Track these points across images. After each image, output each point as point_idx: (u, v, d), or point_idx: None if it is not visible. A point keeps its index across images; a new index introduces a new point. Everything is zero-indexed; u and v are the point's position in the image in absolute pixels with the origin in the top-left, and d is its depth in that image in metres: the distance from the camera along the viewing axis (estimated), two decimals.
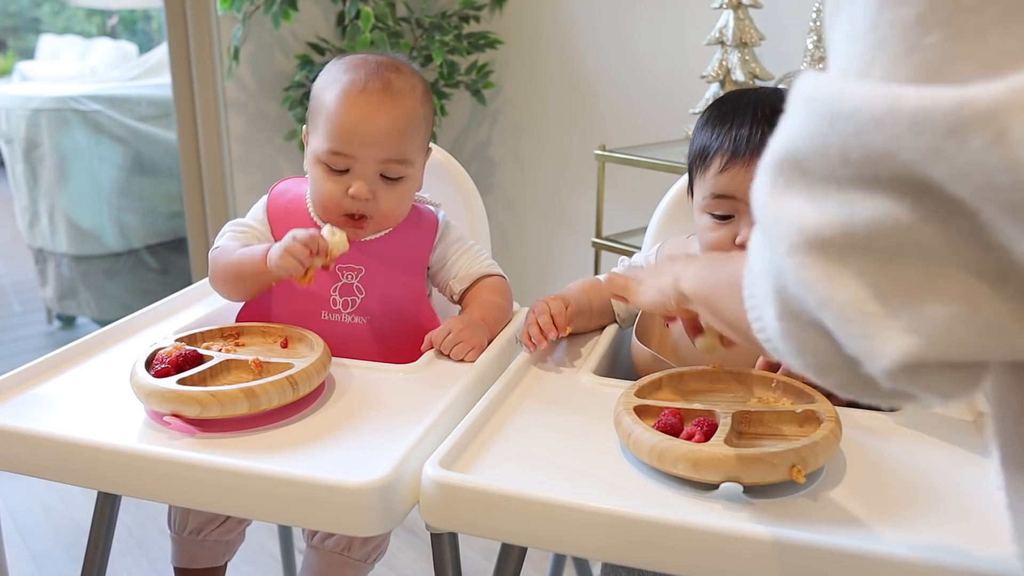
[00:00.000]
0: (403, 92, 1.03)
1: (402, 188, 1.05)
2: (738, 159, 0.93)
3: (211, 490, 0.76)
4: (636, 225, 1.76)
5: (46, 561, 1.82)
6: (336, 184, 1.03)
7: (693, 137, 1.01)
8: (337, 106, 1.01)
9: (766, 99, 0.96)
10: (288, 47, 2.44)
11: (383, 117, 1.01)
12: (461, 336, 0.99)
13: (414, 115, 1.04)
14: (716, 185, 0.95)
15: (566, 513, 0.69)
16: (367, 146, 1.01)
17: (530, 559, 0.87)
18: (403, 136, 1.03)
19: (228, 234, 1.08)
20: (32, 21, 4.98)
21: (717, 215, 0.96)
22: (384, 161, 1.02)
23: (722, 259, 0.73)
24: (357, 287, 1.06)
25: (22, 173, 2.99)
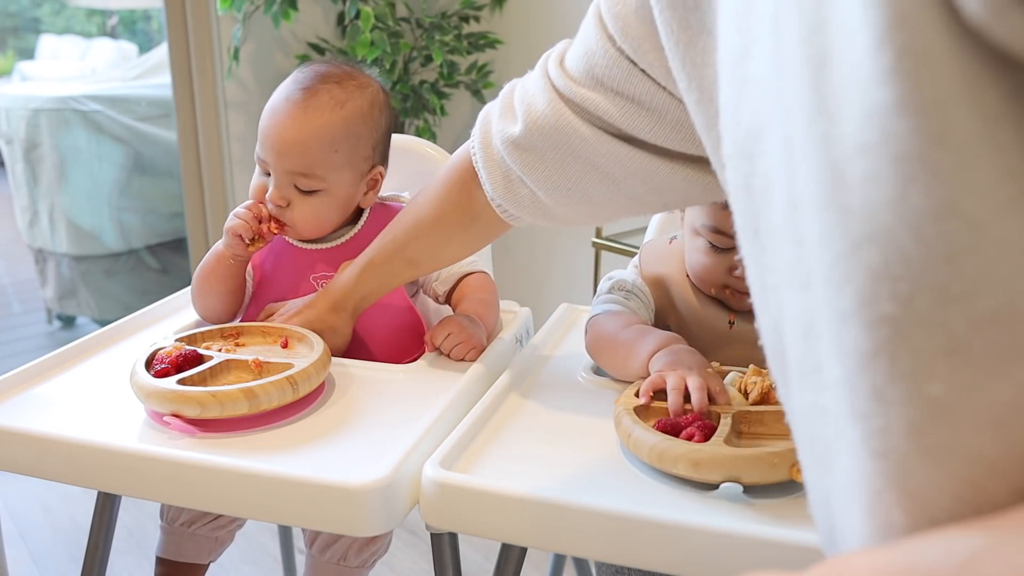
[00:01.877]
0: (322, 107, 1.01)
1: (316, 202, 1.04)
2: None
3: (211, 490, 0.76)
4: (636, 225, 1.76)
5: (46, 561, 1.82)
6: (259, 184, 1.06)
7: None
8: (265, 110, 1.04)
9: None
10: (288, 47, 2.44)
11: (291, 130, 1.01)
12: (461, 336, 0.99)
13: (330, 130, 1.01)
14: (719, 221, 0.90)
15: (566, 513, 0.69)
16: (274, 155, 1.02)
17: (530, 559, 0.87)
18: (309, 150, 1.01)
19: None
20: (32, 21, 4.99)
21: (714, 244, 0.92)
22: (291, 173, 1.02)
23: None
24: None
25: (22, 173, 2.99)
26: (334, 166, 1.03)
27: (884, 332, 0.34)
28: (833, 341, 0.38)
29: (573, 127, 0.74)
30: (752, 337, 0.92)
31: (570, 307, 1.16)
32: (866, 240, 0.34)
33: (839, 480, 0.40)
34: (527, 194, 0.81)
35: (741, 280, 0.91)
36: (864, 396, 0.36)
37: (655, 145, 0.72)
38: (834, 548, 0.44)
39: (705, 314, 0.96)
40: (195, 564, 1.12)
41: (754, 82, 0.43)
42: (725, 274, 0.92)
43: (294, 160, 1.01)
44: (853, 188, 0.34)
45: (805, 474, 0.46)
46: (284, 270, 1.08)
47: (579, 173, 0.76)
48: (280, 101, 1.03)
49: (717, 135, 0.50)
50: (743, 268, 0.88)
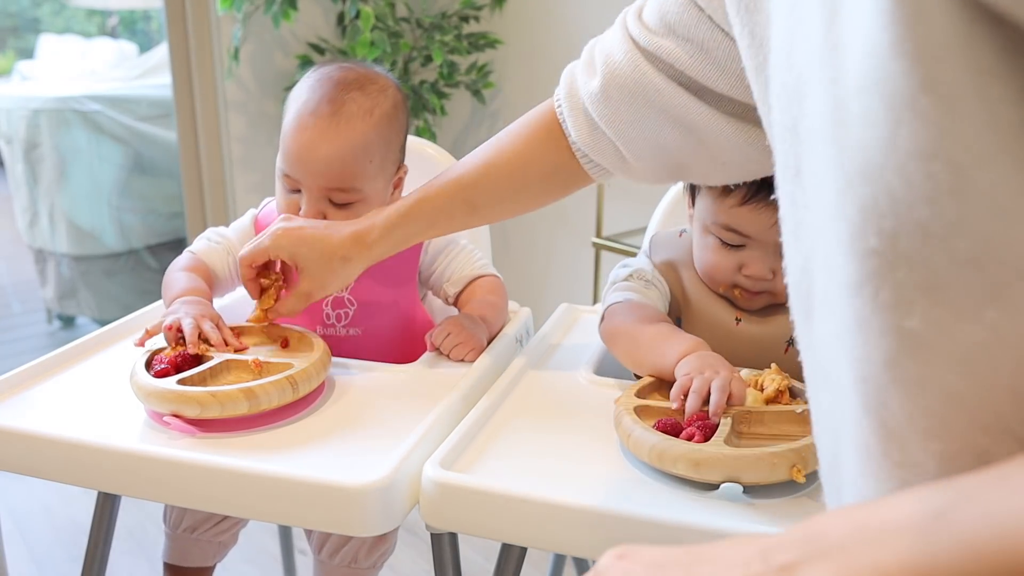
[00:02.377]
0: (353, 117, 1.00)
1: (353, 212, 1.02)
2: (763, 193, 0.86)
3: (211, 490, 0.76)
4: (636, 225, 1.76)
5: (46, 561, 1.82)
6: (290, 201, 1.03)
7: None
8: (288, 127, 1.02)
9: None
10: (288, 47, 2.44)
11: (324, 147, 0.99)
12: (461, 337, 0.99)
13: (364, 141, 1.00)
14: (732, 218, 0.89)
15: (566, 513, 0.69)
16: (310, 175, 1.00)
17: (530, 559, 0.87)
18: (347, 165, 1.00)
19: (202, 240, 1.09)
20: (32, 21, 4.99)
21: (725, 242, 0.91)
22: (328, 189, 1.01)
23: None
24: (348, 299, 1.06)
25: (22, 173, 2.99)
26: (369, 175, 1.02)
27: (870, 264, 0.36)
28: (832, 272, 0.40)
29: (648, 77, 0.77)
30: (757, 337, 0.93)
31: (570, 307, 1.16)
32: (858, 176, 0.36)
33: (843, 416, 0.42)
34: (608, 145, 0.83)
35: (751, 279, 0.91)
36: (851, 325, 0.39)
37: (723, 97, 0.74)
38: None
39: (714, 309, 0.95)
40: (202, 568, 1.13)
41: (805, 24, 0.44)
42: (734, 272, 0.92)
43: (330, 177, 0.99)
44: (851, 126, 0.37)
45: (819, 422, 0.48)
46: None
47: (654, 124, 0.78)
48: (306, 116, 1.00)
49: (766, 79, 0.52)
50: (753, 267, 0.88)
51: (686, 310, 0.97)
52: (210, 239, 1.09)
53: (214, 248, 1.08)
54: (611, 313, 0.94)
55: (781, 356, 0.93)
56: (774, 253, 0.88)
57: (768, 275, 0.90)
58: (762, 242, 0.89)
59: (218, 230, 1.10)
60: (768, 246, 0.89)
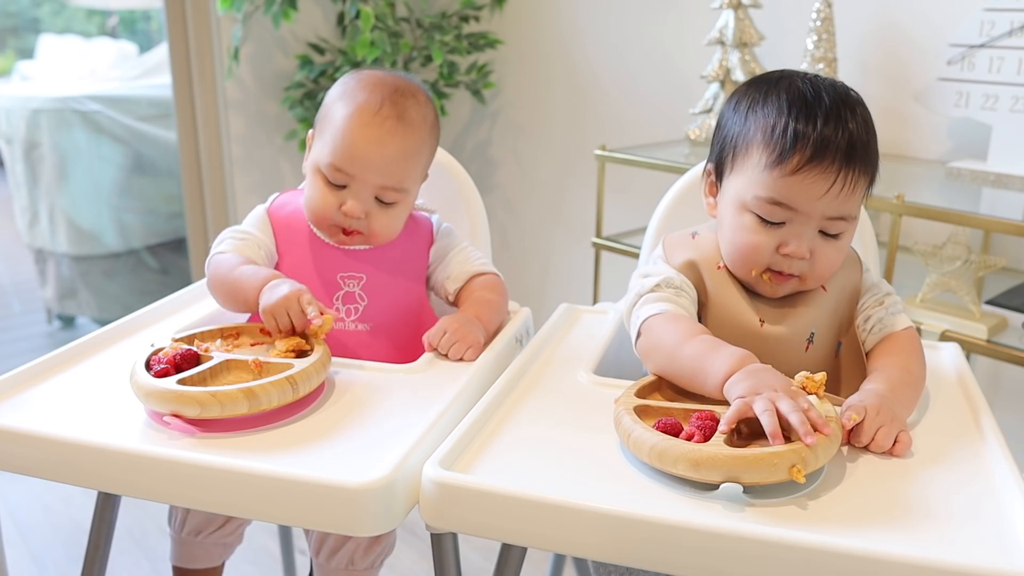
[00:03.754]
0: (415, 122, 1.03)
1: (395, 211, 1.06)
2: (820, 161, 0.84)
3: (211, 490, 0.76)
4: (636, 225, 1.76)
5: (46, 561, 1.82)
6: (331, 198, 1.03)
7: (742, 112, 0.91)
8: (347, 123, 1.01)
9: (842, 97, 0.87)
10: (288, 47, 2.44)
11: (391, 145, 1.01)
12: (457, 335, 0.99)
13: (421, 146, 1.05)
14: (780, 190, 0.86)
15: (566, 513, 0.69)
16: (369, 171, 1.01)
17: (530, 559, 0.87)
18: (406, 166, 1.03)
19: (228, 241, 1.06)
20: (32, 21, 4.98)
21: (764, 218, 0.88)
22: (382, 187, 1.03)
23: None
24: (359, 295, 1.07)
25: (22, 173, 2.99)
26: (416, 179, 1.07)
27: None
28: None
29: None
30: (780, 337, 0.93)
31: (570, 307, 1.16)
32: None
33: None
34: None
35: (786, 259, 0.89)
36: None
37: None
38: None
39: (738, 310, 0.93)
40: (209, 568, 1.13)
41: None
42: (771, 252, 0.89)
43: (388, 175, 1.02)
44: None
45: None
46: (313, 266, 1.07)
47: None
48: (368, 115, 1.01)
49: None
50: (793, 244, 0.87)
51: (708, 311, 0.95)
52: (234, 238, 1.07)
53: (245, 243, 1.06)
54: (647, 328, 0.90)
55: (802, 354, 0.92)
56: (814, 230, 0.88)
57: (806, 254, 0.88)
58: (806, 216, 0.87)
59: (234, 228, 1.09)
60: (812, 220, 0.87)
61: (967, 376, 0.98)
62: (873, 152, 0.89)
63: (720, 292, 0.94)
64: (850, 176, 0.86)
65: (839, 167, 0.85)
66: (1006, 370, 1.62)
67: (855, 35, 1.73)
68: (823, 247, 0.89)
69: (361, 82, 1.04)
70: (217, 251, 1.05)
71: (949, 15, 1.59)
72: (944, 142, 1.66)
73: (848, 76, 1.73)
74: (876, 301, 0.96)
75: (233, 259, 1.02)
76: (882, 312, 0.95)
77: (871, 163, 0.89)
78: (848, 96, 0.89)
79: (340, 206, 1.02)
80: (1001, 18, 1.44)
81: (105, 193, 3.02)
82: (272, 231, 1.09)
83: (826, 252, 0.89)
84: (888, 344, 0.93)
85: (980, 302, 1.36)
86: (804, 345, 0.92)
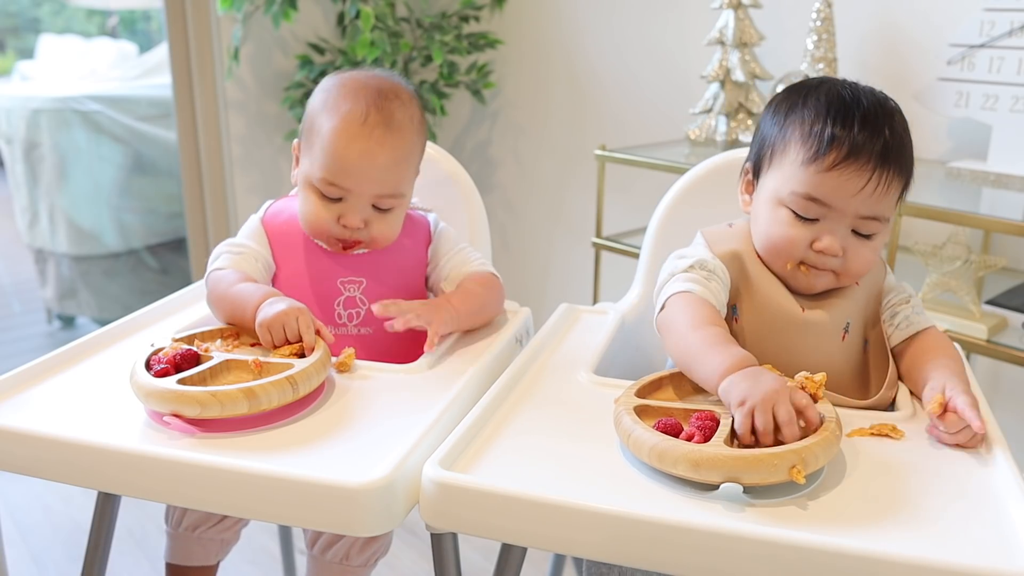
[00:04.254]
0: (403, 126, 1.02)
1: (393, 216, 1.05)
2: (856, 159, 0.87)
3: (211, 490, 0.76)
4: (636, 225, 1.76)
5: (46, 561, 1.82)
6: (328, 212, 1.02)
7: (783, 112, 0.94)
8: (335, 136, 1.00)
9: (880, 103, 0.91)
10: (288, 47, 2.44)
11: (382, 155, 1.00)
12: (410, 307, 0.99)
13: (412, 148, 1.04)
14: (816, 185, 0.88)
15: (566, 513, 0.69)
16: (363, 183, 1.01)
17: (530, 559, 0.87)
18: (399, 172, 1.03)
19: (224, 256, 1.05)
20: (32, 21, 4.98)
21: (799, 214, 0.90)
22: (378, 196, 1.02)
23: None
24: (360, 299, 1.06)
25: (22, 173, 2.99)
26: (410, 180, 1.06)
27: None
28: None
29: None
30: (820, 325, 0.94)
31: (570, 307, 1.16)
32: None
33: None
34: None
35: (820, 255, 0.90)
36: None
37: None
38: None
39: (780, 296, 0.94)
40: (204, 567, 1.12)
41: None
42: (805, 248, 0.91)
43: (384, 184, 1.01)
44: None
45: None
46: (312, 274, 1.07)
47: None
48: (355, 125, 0.99)
49: None
50: (825, 240, 0.89)
51: (751, 299, 0.95)
52: (230, 252, 1.06)
53: (242, 256, 1.05)
54: (670, 304, 0.92)
55: (839, 344, 0.94)
56: (847, 228, 0.90)
57: (839, 251, 0.90)
58: (840, 212, 0.89)
59: (231, 242, 1.08)
60: (845, 218, 0.89)
61: (967, 376, 0.98)
62: (908, 158, 0.91)
63: (762, 280, 0.95)
64: (885, 176, 0.88)
65: (874, 166, 0.87)
66: (1006, 370, 1.62)
67: (855, 35, 1.73)
68: (856, 246, 0.91)
69: (343, 89, 1.03)
70: (214, 268, 1.04)
71: (949, 15, 1.59)
72: (944, 142, 1.66)
73: (848, 76, 1.73)
74: (903, 300, 0.98)
75: (231, 276, 1.02)
76: (908, 310, 0.97)
77: (906, 168, 0.91)
78: (887, 103, 0.92)
79: (338, 219, 1.02)
80: (1001, 18, 1.44)
81: (105, 193, 3.02)
82: (268, 241, 1.08)
83: (859, 251, 0.91)
84: (923, 342, 0.95)
85: (980, 302, 1.36)
86: (841, 334, 0.94)
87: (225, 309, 1.00)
